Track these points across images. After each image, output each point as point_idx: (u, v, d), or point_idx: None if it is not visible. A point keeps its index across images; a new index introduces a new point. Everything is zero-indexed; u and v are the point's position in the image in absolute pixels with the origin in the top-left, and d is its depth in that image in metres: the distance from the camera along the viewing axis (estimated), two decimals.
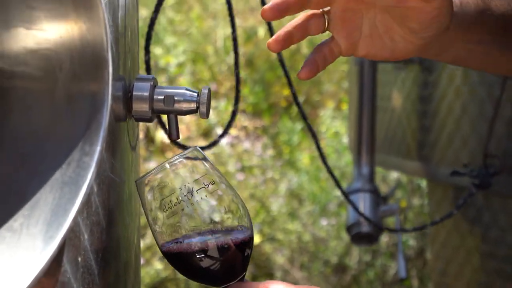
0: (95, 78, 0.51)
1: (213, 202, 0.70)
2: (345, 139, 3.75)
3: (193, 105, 0.71)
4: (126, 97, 0.70)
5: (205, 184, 0.70)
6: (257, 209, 3.47)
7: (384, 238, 3.05)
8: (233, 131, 3.96)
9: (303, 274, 3.28)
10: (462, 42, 0.80)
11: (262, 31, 4.08)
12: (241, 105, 4.06)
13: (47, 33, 0.54)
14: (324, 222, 3.39)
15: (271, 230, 3.42)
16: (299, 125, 3.91)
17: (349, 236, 1.58)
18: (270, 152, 3.84)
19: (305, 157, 3.84)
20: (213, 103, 3.96)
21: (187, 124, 3.84)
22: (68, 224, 0.50)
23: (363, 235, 1.53)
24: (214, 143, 1.16)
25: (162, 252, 0.70)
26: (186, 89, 0.71)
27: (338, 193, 3.57)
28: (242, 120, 4.01)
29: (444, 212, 1.60)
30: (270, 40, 0.76)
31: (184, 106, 0.70)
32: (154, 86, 0.71)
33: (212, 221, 0.70)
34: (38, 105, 0.55)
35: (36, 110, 0.55)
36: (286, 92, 4.07)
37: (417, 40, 0.76)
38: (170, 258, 0.70)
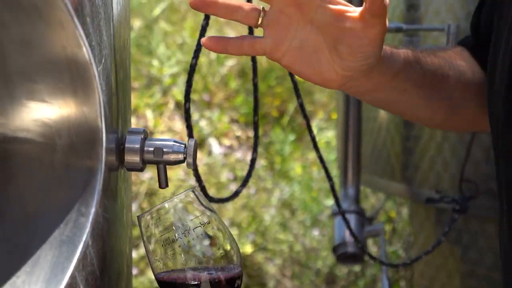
0: (90, 154, 0.58)
1: (208, 240, 0.77)
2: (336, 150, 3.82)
3: (180, 156, 0.77)
4: (119, 149, 0.76)
5: (201, 223, 0.77)
6: (249, 220, 3.53)
7: (373, 249, 3.11)
8: (226, 141, 4.02)
9: (294, 283, 3.34)
10: (388, 88, 0.84)
11: None
12: (234, 115, 4.12)
13: (47, 103, 0.60)
14: (315, 232, 3.45)
15: (263, 240, 3.48)
16: (291, 136, 3.97)
17: (334, 256, 1.65)
18: (262, 162, 3.90)
19: (297, 166, 3.90)
20: (206, 114, 4.02)
21: (180, 135, 3.89)
22: (65, 281, 0.56)
23: (349, 255, 1.60)
24: (234, 195, 1.19)
25: (158, 282, 0.77)
26: (174, 141, 0.77)
27: (330, 203, 3.64)
28: (235, 130, 4.07)
29: (427, 232, 1.66)
30: None
31: (172, 157, 0.76)
32: (145, 138, 0.77)
33: (206, 258, 0.76)
34: (38, 169, 0.61)
35: (37, 173, 0.61)
36: (278, 102, 4.14)
37: (341, 69, 0.79)
38: None
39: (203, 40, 0.78)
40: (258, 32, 0.84)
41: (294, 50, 0.79)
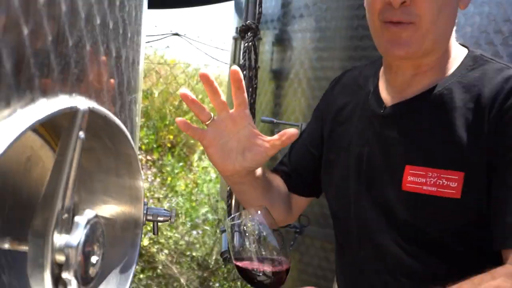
0: (135, 228, 0.84)
1: (275, 244, 0.88)
2: (213, 174, 4.12)
3: (167, 218, 1.04)
4: None
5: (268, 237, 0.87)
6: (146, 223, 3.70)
7: None
8: None
9: (177, 267, 3.55)
10: (248, 183, 1.03)
11: (156, 92, 4.36)
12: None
13: (112, 198, 0.87)
14: (194, 232, 3.70)
15: (157, 237, 3.67)
16: (179, 161, 4.21)
17: (221, 258, 1.95)
18: (158, 179, 4.10)
19: (182, 184, 4.15)
20: None
21: None
22: None
23: (229, 258, 1.90)
24: None
25: (236, 267, 0.88)
26: (164, 210, 1.04)
27: (204, 210, 3.91)
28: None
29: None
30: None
31: (162, 218, 1.04)
32: (147, 208, 1.04)
33: (269, 257, 0.87)
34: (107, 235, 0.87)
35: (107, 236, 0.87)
36: (171, 136, 4.38)
37: (239, 165, 0.97)
38: (241, 273, 0.88)
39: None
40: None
41: (218, 144, 0.97)
